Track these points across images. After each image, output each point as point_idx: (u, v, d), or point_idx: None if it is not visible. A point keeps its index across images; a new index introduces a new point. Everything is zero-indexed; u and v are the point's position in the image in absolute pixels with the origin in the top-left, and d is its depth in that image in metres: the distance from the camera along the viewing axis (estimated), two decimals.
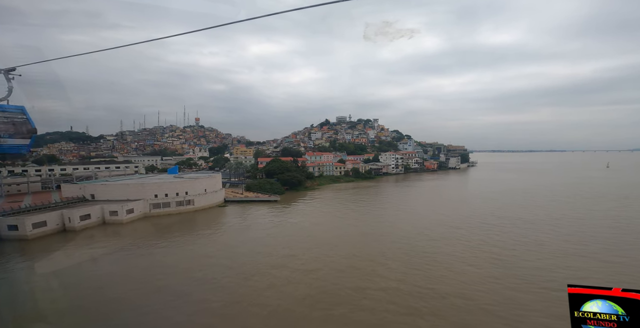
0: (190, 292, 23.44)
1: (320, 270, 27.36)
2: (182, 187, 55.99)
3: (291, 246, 34.12)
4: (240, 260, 29.91)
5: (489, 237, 36.72)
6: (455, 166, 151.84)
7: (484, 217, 46.85)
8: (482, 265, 27.88)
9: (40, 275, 26.59)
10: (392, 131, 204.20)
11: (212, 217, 51.67)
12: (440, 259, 29.53)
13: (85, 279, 26.00)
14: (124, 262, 30.27)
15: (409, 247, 33.36)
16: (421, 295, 22.49)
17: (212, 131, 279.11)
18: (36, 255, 32.21)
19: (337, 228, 42.57)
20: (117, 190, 50.68)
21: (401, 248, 32.97)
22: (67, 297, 22.99)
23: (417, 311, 20.45)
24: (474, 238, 36.05)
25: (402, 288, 23.77)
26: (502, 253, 30.89)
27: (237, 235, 39.05)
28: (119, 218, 44.99)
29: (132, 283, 25.06)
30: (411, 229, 40.51)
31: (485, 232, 38.61)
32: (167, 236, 39.42)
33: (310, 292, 23.43)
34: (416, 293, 22.80)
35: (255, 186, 76.98)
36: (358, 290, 23.57)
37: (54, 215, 39.38)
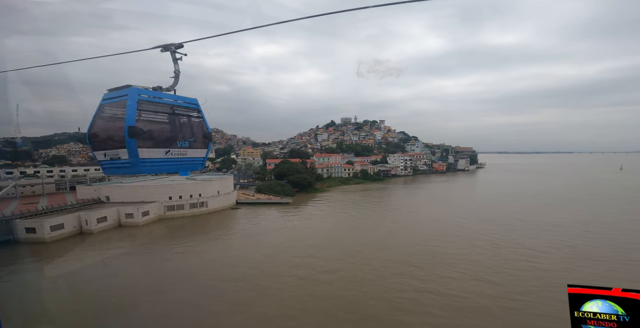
0: (209, 302, 22.72)
1: (346, 278, 26.49)
2: (196, 189, 55.50)
3: (312, 253, 33.27)
4: (263, 268, 29.13)
5: (517, 242, 35.53)
6: (464, 168, 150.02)
7: (507, 221, 45.60)
8: (517, 273, 26.78)
9: (67, 285, 25.99)
10: (399, 132, 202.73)
11: (227, 220, 51.06)
12: (468, 266, 28.48)
13: (110, 289, 25.39)
14: (143, 267, 29.67)
15: (433, 253, 32.34)
16: (459, 305, 21.50)
17: (217, 132, 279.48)
18: (57, 261, 31.69)
19: (356, 233, 41.65)
20: (132, 192, 50.30)
21: (425, 254, 31.96)
22: (92, 306, 22.39)
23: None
24: (501, 243, 34.90)
25: (435, 298, 22.79)
26: (535, 260, 29.73)
27: (255, 240, 38.27)
28: (135, 221, 44.54)
29: (150, 293, 24.39)
30: (432, 234, 39.47)
31: (511, 237, 37.43)
32: (184, 240, 38.78)
33: (338, 302, 22.56)
34: (454, 303, 21.81)
35: (266, 188, 76.31)
36: (386, 300, 22.65)
37: (71, 217, 39.00)
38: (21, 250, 33.37)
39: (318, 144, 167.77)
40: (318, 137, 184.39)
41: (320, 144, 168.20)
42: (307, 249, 34.29)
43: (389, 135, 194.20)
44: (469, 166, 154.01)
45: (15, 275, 27.64)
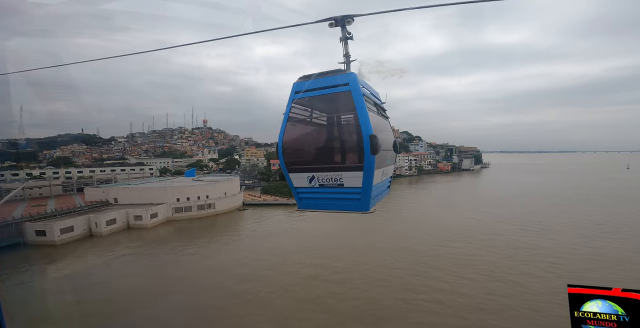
0: (229, 304, 22.28)
1: (360, 279, 25.99)
2: (203, 190, 55.17)
3: (324, 254, 32.78)
4: (277, 269, 28.69)
5: (534, 243, 34.88)
6: (469, 167, 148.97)
7: (521, 222, 44.89)
8: (539, 275, 26.16)
9: (84, 288, 25.61)
10: (402, 132, 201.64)
11: (235, 222, 50.65)
12: (488, 267, 27.88)
13: (122, 292, 25.00)
14: (155, 270, 29.28)
15: (450, 254, 31.76)
16: (484, 307, 20.94)
17: (220, 133, 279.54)
18: (69, 264, 31.36)
19: (366, 234, 41.06)
20: (140, 194, 50.00)
21: (442, 255, 31.40)
22: (105, 310, 22.00)
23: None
24: (518, 244, 34.27)
25: (459, 299, 22.23)
26: (555, 262, 29.07)
27: (265, 242, 37.81)
28: (144, 223, 44.21)
29: (165, 297, 23.97)
30: (445, 234, 38.93)
31: (528, 238, 36.77)
32: (194, 242, 38.39)
33: (356, 303, 22.07)
34: (479, 305, 21.25)
35: (272, 189, 75.88)
36: (406, 301, 22.11)
37: (80, 220, 38.72)
38: (32, 253, 33.07)
39: None
40: None
41: None
42: (318, 250, 33.84)
43: None
44: (474, 166, 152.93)
45: (30, 279, 27.33)
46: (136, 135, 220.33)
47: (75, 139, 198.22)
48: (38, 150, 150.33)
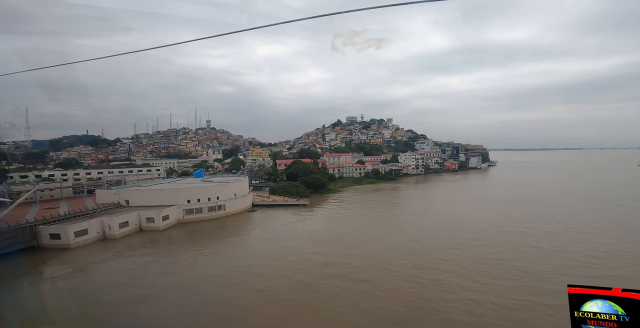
0: (254, 309, 21.69)
1: (383, 285, 25.29)
2: (214, 191, 54.71)
3: (341, 258, 32.11)
4: (294, 276, 28.05)
5: (560, 245, 33.93)
6: (476, 166, 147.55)
7: (542, 222, 43.93)
8: (574, 280, 25.27)
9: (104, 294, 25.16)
10: (407, 131, 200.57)
11: (246, 224, 50.10)
12: (517, 272, 27.06)
13: (140, 298, 24.52)
14: (172, 276, 28.74)
15: (474, 257, 30.95)
16: (523, 315, 20.15)
17: (223, 133, 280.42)
18: (86, 269, 30.98)
19: (382, 236, 40.37)
20: (151, 195, 49.63)
21: (465, 258, 30.61)
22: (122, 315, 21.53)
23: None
24: (543, 246, 33.34)
25: (492, 306, 21.44)
26: (587, 265, 28.16)
27: (279, 246, 37.09)
28: (156, 225, 43.82)
29: (185, 304, 23.45)
30: (465, 236, 38.08)
31: (551, 240, 35.83)
32: (207, 245, 37.83)
33: (382, 312, 21.35)
34: (516, 312, 20.46)
35: (280, 189, 75.31)
36: (436, 310, 21.37)
37: (94, 222, 38.36)
38: (47, 256, 32.72)
39: (326, 144, 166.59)
40: (326, 136, 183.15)
41: (328, 143, 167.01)
42: (334, 254, 33.18)
43: (397, 133, 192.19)
44: (481, 164, 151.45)
45: (49, 286, 26.98)
46: (141, 136, 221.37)
47: (81, 140, 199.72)
48: (45, 152, 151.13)
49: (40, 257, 32.82)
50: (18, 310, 22.58)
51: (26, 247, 34.50)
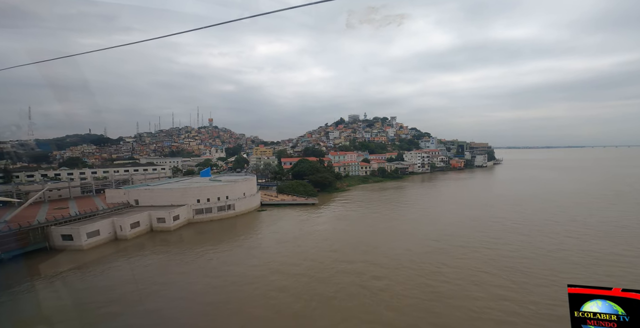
0: (271, 314, 21.06)
1: (406, 284, 24.62)
2: (223, 191, 54.06)
3: (357, 257, 31.42)
4: (313, 275, 27.39)
5: (587, 248, 33.11)
6: (482, 164, 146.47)
7: (561, 222, 43.10)
8: (611, 281, 24.50)
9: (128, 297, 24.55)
10: (411, 129, 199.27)
11: (256, 224, 49.43)
12: (548, 272, 26.33)
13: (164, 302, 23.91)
14: (190, 278, 28.15)
15: (500, 257, 30.20)
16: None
17: (226, 131, 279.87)
18: (104, 272, 30.41)
19: (396, 235, 39.65)
20: (161, 195, 49.01)
21: (490, 258, 29.87)
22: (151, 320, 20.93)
23: None
24: (568, 248, 32.56)
25: (534, 308, 20.72)
26: (621, 267, 27.36)
27: (293, 246, 36.45)
28: (167, 226, 43.22)
29: (207, 307, 22.83)
30: (484, 236, 37.39)
31: (577, 238, 35.04)
32: (220, 246, 37.21)
33: (422, 314, 20.67)
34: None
35: (288, 188, 74.60)
36: (471, 310, 20.67)
37: (105, 223, 37.75)
38: (61, 258, 32.15)
39: (330, 142, 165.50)
40: (329, 134, 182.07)
41: (332, 141, 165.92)
42: (350, 253, 32.64)
43: (401, 132, 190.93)
44: (487, 162, 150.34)
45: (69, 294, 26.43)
46: (144, 135, 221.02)
47: (84, 139, 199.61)
48: (49, 151, 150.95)
49: (55, 259, 32.23)
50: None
51: (38, 248, 33.94)
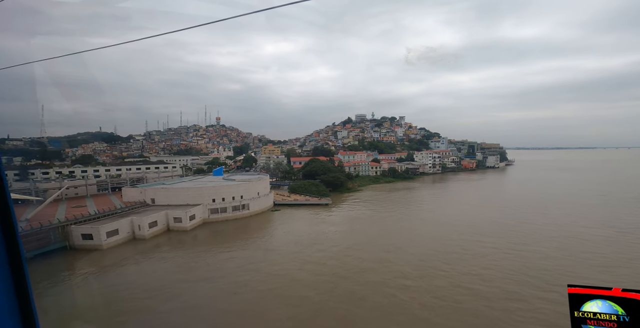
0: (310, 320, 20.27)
1: (449, 289, 23.62)
2: (238, 190, 53.57)
3: (383, 259, 30.45)
4: (342, 280, 26.54)
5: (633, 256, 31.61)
6: (494, 165, 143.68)
7: (592, 225, 41.40)
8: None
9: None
10: (420, 129, 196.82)
11: (272, 224, 48.79)
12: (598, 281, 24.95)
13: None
14: (213, 281, 27.58)
15: (537, 261, 28.92)
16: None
17: (233, 130, 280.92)
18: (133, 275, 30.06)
19: (418, 238, 38.54)
20: (177, 194, 48.73)
21: (526, 262, 28.60)
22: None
23: None
24: (611, 255, 31.08)
25: None
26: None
27: (312, 249, 35.58)
28: (183, 225, 42.86)
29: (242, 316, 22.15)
30: (512, 238, 36.01)
31: (616, 241, 33.50)
32: (237, 247, 36.62)
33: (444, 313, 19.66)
34: None
35: (300, 188, 73.87)
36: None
37: (124, 222, 37.51)
38: (83, 257, 31.95)
39: (339, 142, 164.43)
40: (338, 134, 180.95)
41: (341, 141, 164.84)
42: (372, 254, 31.96)
43: (410, 131, 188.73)
44: (499, 163, 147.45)
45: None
46: (153, 133, 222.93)
47: (95, 137, 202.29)
48: (61, 148, 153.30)
49: (78, 258, 32.05)
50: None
51: (59, 247, 33.82)
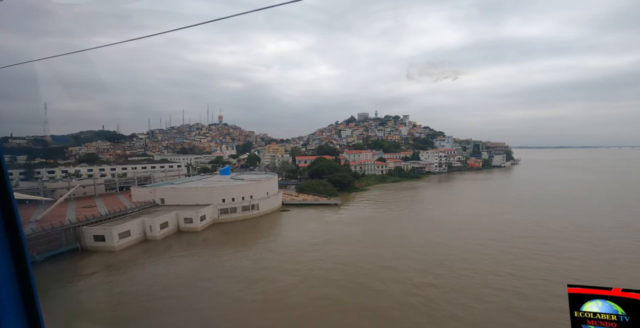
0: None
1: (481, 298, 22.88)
2: (247, 190, 52.86)
3: (412, 264, 29.71)
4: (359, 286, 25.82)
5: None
6: (500, 164, 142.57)
7: (606, 224, 40.56)
8: None
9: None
10: (424, 128, 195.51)
11: (283, 224, 48.11)
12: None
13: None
14: (231, 285, 26.90)
15: (559, 265, 28.12)
16: None
17: (235, 129, 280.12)
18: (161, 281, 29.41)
19: (435, 238, 37.76)
20: (186, 194, 48.05)
21: (548, 264, 27.82)
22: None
23: None
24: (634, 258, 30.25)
25: None
26: None
27: (328, 249, 34.88)
28: (194, 226, 42.18)
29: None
30: (531, 240, 35.15)
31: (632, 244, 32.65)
32: (249, 248, 35.91)
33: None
34: None
35: (308, 187, 73.14)
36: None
37: (136, 223, 36.85)
38: (97, 259, 31.31)
39: (343, 140, 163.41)
40: (342, 133, 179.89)
41: (345, 140, 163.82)
42: (388, 256, 31.25)
43: (414, 130, 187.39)
44: (505, 162, 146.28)
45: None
46: (156, 132, 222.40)
47: (97, 136, 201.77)
48: (66, 145, 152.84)
49: (91, 260, 31.41)
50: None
51: (70, 248, 33.19)
